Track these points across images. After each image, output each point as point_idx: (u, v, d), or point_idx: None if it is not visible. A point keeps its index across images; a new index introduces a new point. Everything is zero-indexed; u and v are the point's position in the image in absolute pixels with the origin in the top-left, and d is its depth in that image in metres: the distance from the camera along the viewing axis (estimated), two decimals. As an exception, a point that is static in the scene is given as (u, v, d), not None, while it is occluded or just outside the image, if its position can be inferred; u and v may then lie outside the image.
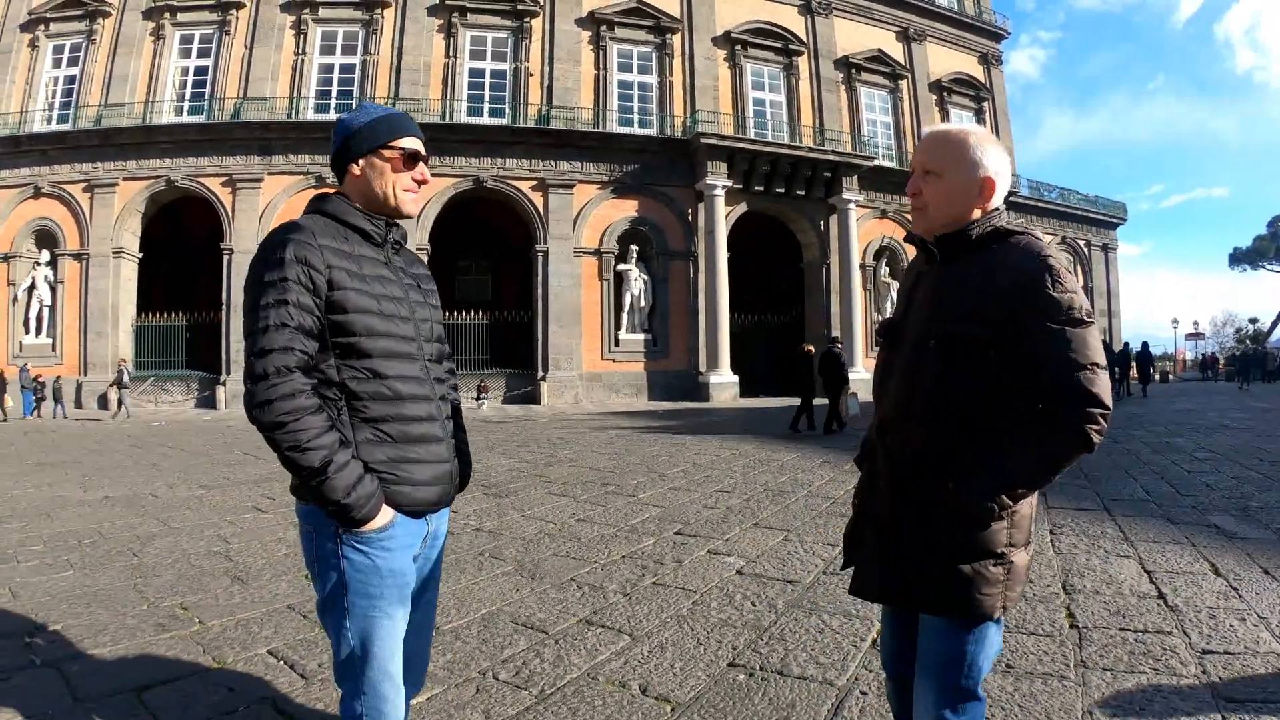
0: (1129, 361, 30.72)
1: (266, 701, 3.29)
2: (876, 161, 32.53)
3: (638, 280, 29.16)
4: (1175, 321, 66.97)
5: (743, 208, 30.48)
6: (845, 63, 33.99)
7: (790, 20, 33.26)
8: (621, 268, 29.06)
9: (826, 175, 31.07)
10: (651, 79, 31.05)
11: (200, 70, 28.96)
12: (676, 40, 31.25)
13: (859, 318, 31.34)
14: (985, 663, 2.07)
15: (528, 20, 29.78)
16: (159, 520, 7.36)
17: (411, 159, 2.16)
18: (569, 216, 28.51)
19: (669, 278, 29.57)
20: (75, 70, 28.79)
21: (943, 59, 37.01)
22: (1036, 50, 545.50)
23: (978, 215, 2.04)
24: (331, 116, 27.14)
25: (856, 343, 30.50)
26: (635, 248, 29.15)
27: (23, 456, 13.34)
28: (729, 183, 29.22)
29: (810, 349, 18.22)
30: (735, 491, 8.57)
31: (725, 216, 29.54)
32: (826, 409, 16.29)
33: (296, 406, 1.87)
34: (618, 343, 29.03)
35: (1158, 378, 33.06)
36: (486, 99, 29.37)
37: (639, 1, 30.71)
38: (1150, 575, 4.93)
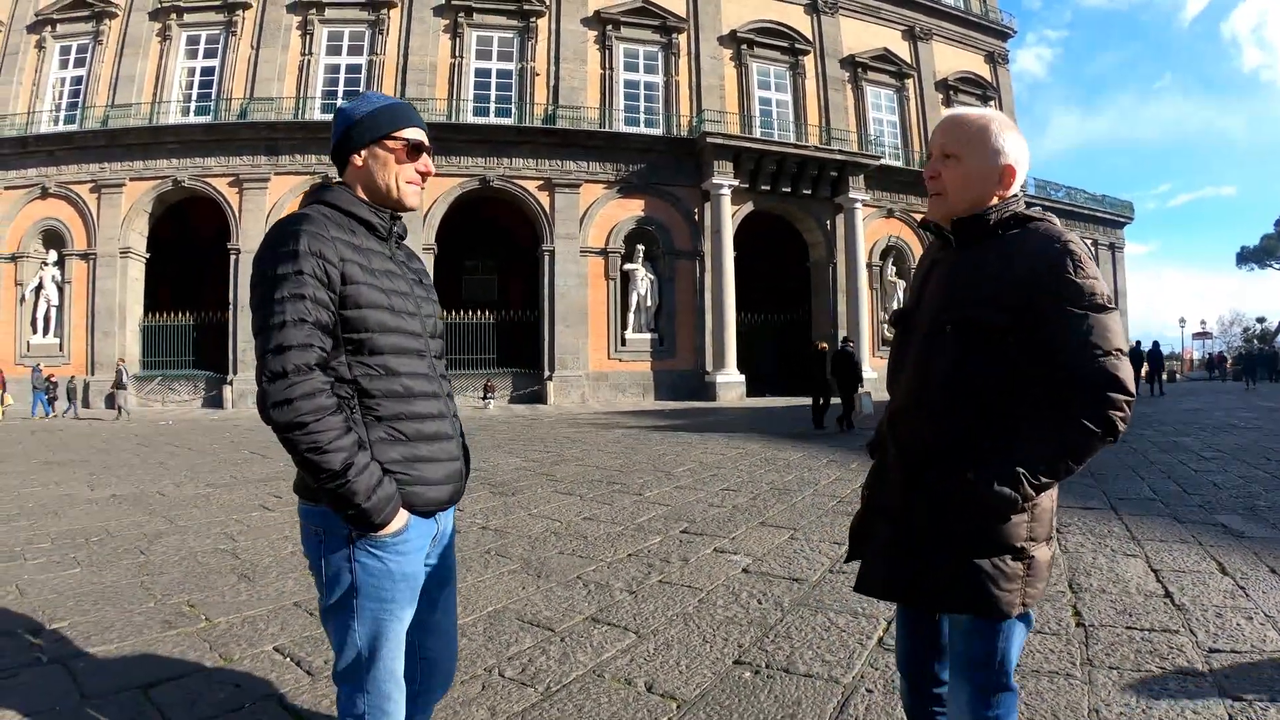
0: (1141, 360, 30.70)
1: (273, 698, 3.29)
2: (883, 161, 32.51)
3: (644, 280, 29.15)
4: (1182, 321, 66.51)
5: (749, 207, 30.47)
6: (851, 62, 33.94)
7: (796, 19, 33.23)
8: (628, 267, 29.06)
9: (833, 174, 31.04)
10: (657, 78, 31.05)
11: (207, 71, 29.05)
12: (682, 40, 31.25)
13: (865, 317, 31.30)
14: (1015, 655, 2.04)
15: (533, 20, 29.81)
16: (166, 518, 7.37)
17: (415, 150, 2.09)
18: (575, 216, 28.52)
19: (675, 277, 29.58)
20: (82, 71, 28.88)
21: (949, 58, 36.92)
22: (1043, 49, 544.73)
23: (995, 202, 2.00)
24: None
25: (863, 342, 30.46)
26: (641, 247, 29.15)
27: (30, 455, 13.38)
28: (735, 182, 29.21)
29: (824, 347, 18.29)
30: (741, 490, 8.56)
31: (731, 216, 29.53)
32: (840, 408, 16.48)
33: (318, 406, 1.80)
34: (624, 342, 29.04)
35: (1164, 377, 32.90)
36: (492, 99, 29.39)
37: (645, 1, 30.71)
38: (1157, 574, 4.91)
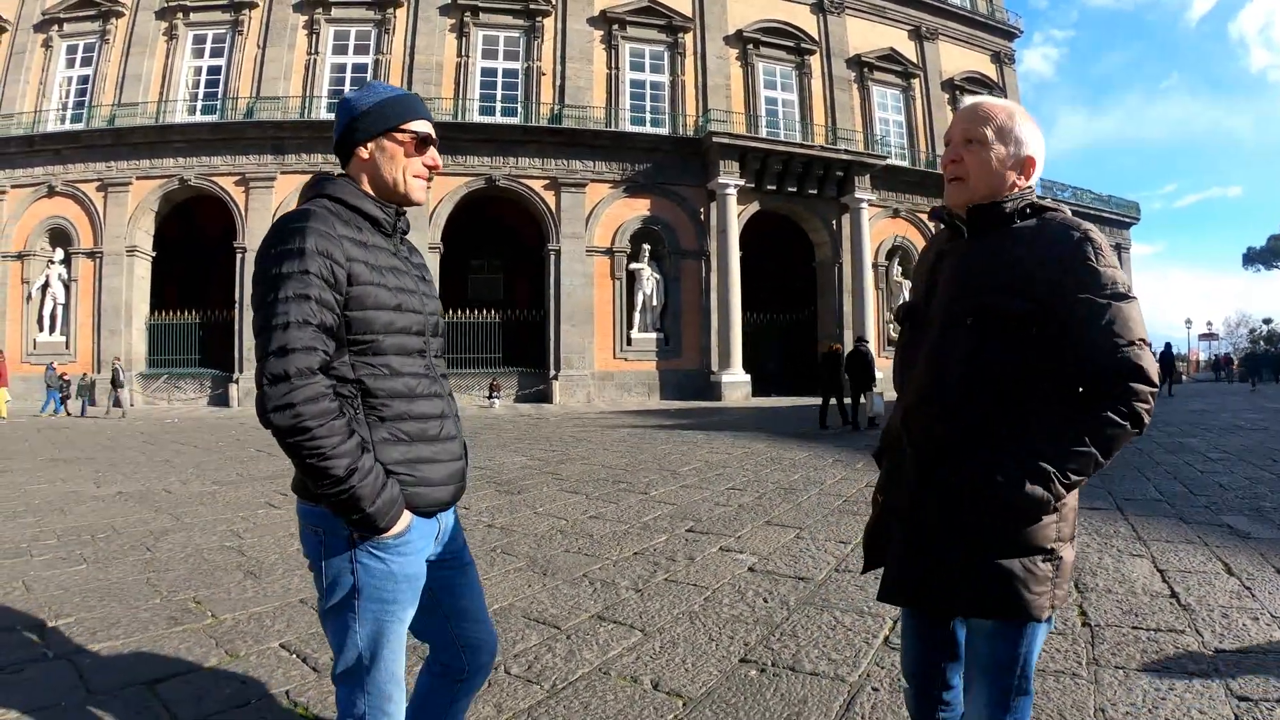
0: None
1: (279, 694, 3.30)
2: (889, 160, 32.48)
3: (650, 279, 29.14)
4: (1189, 322, 66.72)
5: (755, 207, 30.44)
6: (857, 61, 33.87)
7: (803, 19, 33.19)
8: (634, 267, 29.06)
9: (839, 174, 31.01)
10: (664, 78, 31.01)
11: (213, 70, 29.07)
12: (688, 39, 31.22)
13: (871, 317, 31.23)
14: (1035, 657, 2.01)
15: (540, 19, 29.81)
16: (172, 515, 7.38)
17: (424, 143, 2.04)
18: (581, 215, 28.53)
19: (681, 277, 29.56)
20: (89, 70, 28.93)
21: (955, 58, 36.84)
22: (1049, 49, 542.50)
23: (1013, 191, 1.98)
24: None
25: (869, 342, 30.36)
26: (647, 247, 29.14)
27: (36, 452, 13.41)
28: (741, 182, 29.17)
29: (838, 347, 18.58)
30: (747, 489, 8.56)
31: (737, 215, 29.49)
32: (849, 407, 16.79)
33: (320, 411, 1.76)
34: (630, 342, 29.03)
35: (1173, 379, 32.87)
36: (499, 98, 29.38)
37: (651, 0, 30.69)
38: (1163, 574, 4.92)
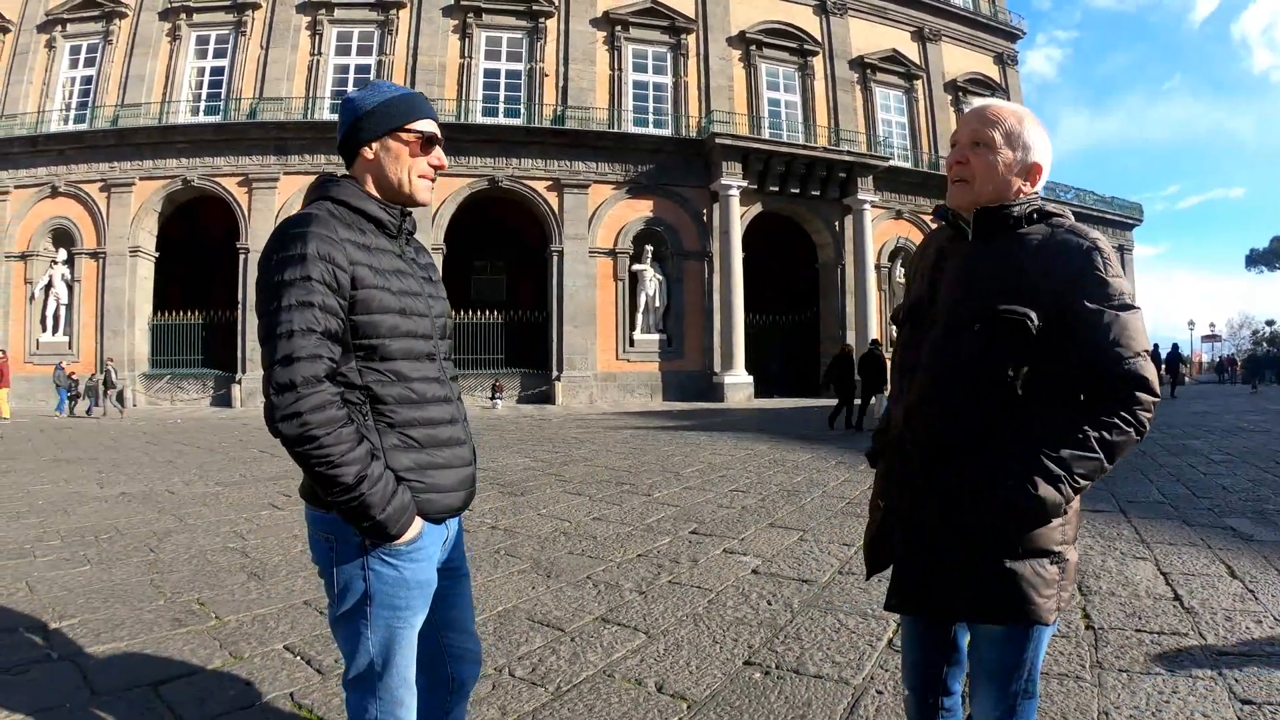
0: (1160, 363, 30.78)
1: (284, 697, 3.29)
2: (891, 162, 32.42)
3: (653, 280, 29.13)
4: (1192, 323, 66.56)
5: (758, 208, 30.42)
6: (860, 63, 33.86)
7: (805, 20, 33.17)
8: (636, 268, 29.04)
9: (841, 175, 30.97)
10: (666, 79, 31.00)
11: (216, 71, 29.08)
12: (691, 40, 31.21)
13: (874, 318, 31.17)
14: (1040, 661, 2.03)
15: (542, 21, 29.80)
16: (175, 516, 7.39)
17: (429, 143, 2.03)
18: (584, 216, 28.52)
19: (684, 278, 29.54)
20: (92, 70, 28.96)
21: (958, 59, 36.82)
22: (1053, 50, 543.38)
23: (1018, 196, 1.99)
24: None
25: (882, 345, 30.33)
26: (650, 248, 29.12)
27: (39, 453, 13.42)
28: (744, 183, 29.14)
29: (849, 348, 18.99)
30: (750, 491, 8.56)
31: (740, 217, 29.46)
32: (859, 408, 17.03)
33: (328, 419, 1.74)
34: (632, 343, 29.01)
35: (1177, 380, 32.92)
36: (501, 99, 29.37)
37: (654, 1, 30.69)
38: (1166, 577, 4.92)
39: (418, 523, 1.90)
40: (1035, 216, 1.95)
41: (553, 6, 29.88)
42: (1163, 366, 30.81)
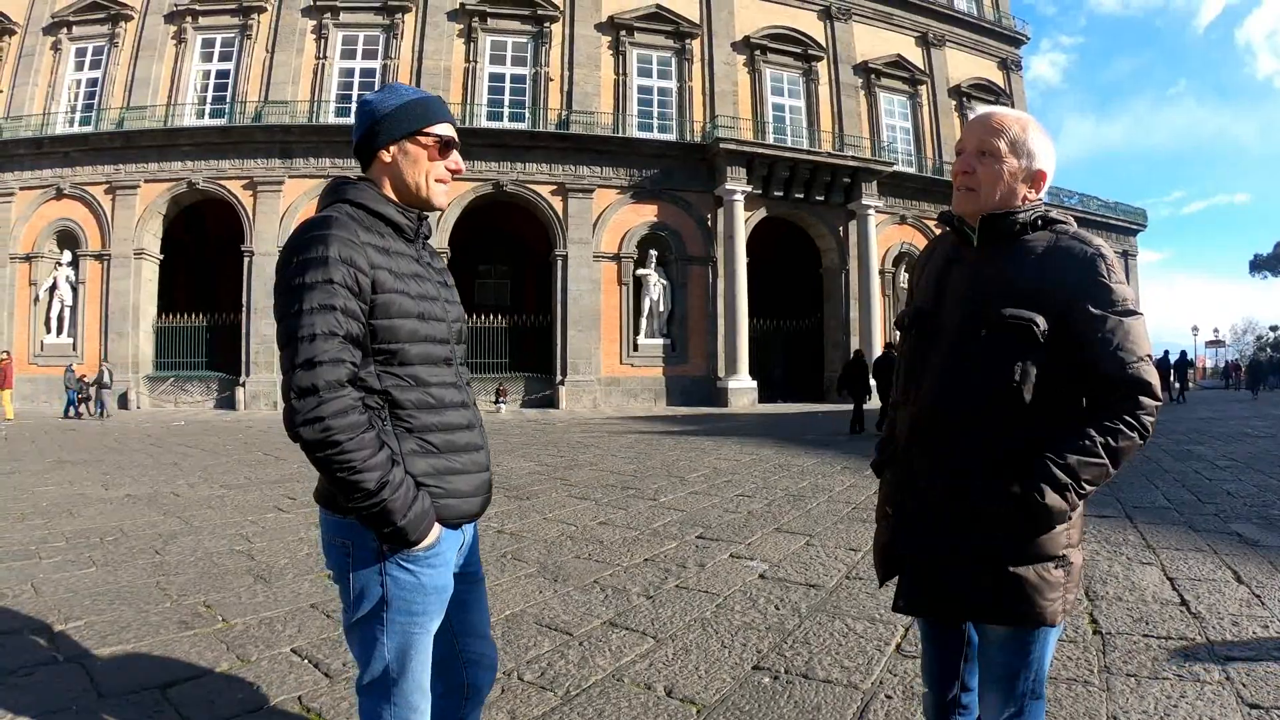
0: (1169, 369, 30.83)
1: (292, 700, 3.28)
2: (896, 167, 32.41)
3: (657, 285, 29.10)
4: (1195, 329, 66.35)
5: (762, 213, 30.39)
6: (865, 68, 33.86)
7: (810, 25, 33.18)
8: (640, 272, 29.02)
9: (846, 181, 30.94)
10: (671, 84, 31.01)
11: (222, 74, 29.10)
12: (696, 45, 31.22)
13: (878, 324, 31.14)
14: (1048, 662, 2.07)
15: (547, 25, 29.83)
16: (181, 519, 7.39)
17: (446, 147, 2.03)
18: (588, 221, 28.50)
19: (688, 283, 29.52)
20: (97, 73, 28.99)
21: (962, 64, 36.82)
22: (1057, 55, 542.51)
23: (1023, 203, 2.01)
24: (352, 120, 27.20)
25: (875, 349, 30.25)
26: (654, 253, 29.10)
27: (43, 454, 13.43)
28: (748, 188, 29.14)
29: (862, 352, 19.33)
30: (756, 496, 8.55)
31: (744, 222, 29.46)
32: (873, 412, 16.97)
33: (350, 424, 1.72)
34: (636, 347, 28.98)
35: (1181, 386, 32.86)
36: (506, 103, 29.36)
37: (659, 6, 30.70)
38: (1173, 582, 4.94)
39: (437, 528, 1.89)
40: (1040, 223, 1.99)
41: (558, 11, 29.91)
42: (1170, 372, 30.81)
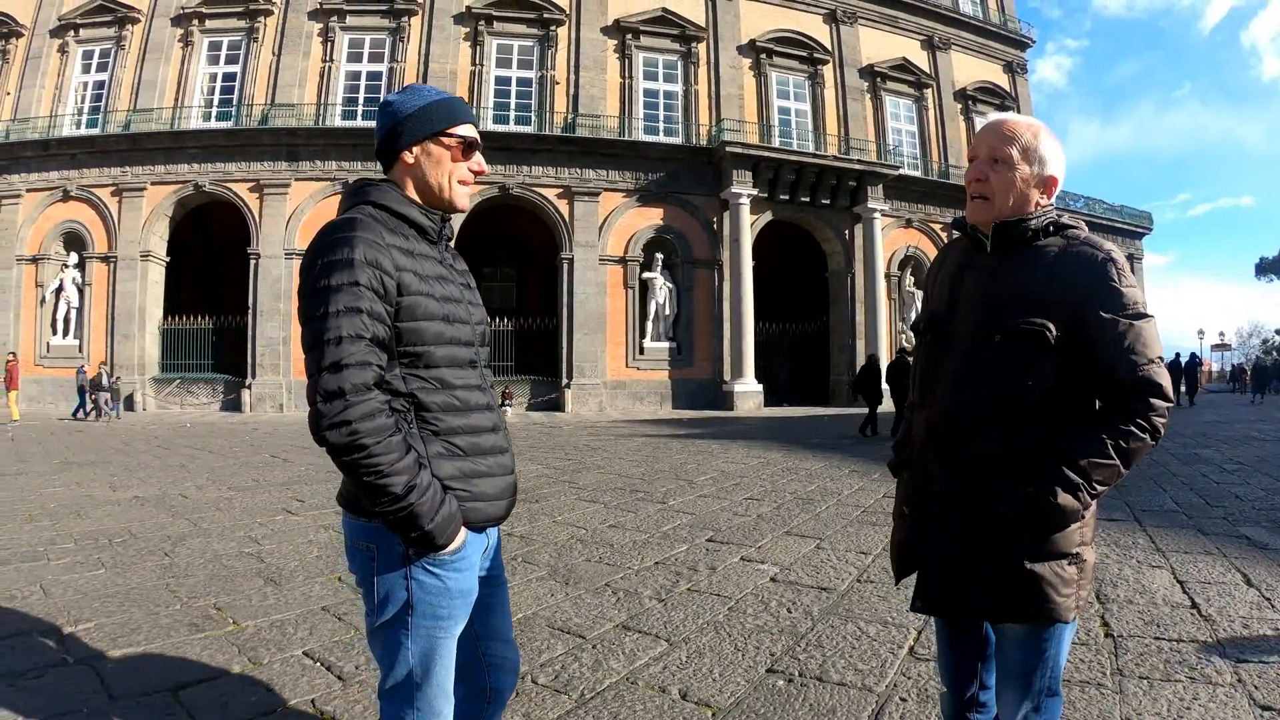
0: (1180, 373, 30.83)
1: (305, 703, 3.27)
2: (901, 170, 32.41)
3: (662, 288, 29.10)
4: (1201, 332, 66.13)
5: (768, 216, 30.41)
6: (870, 71, 33.85)
7: (815, 29, 33.20)
8: (646, 276, 29.02)
9: (851, 184, 30.93)
10: (677, 87, 31.02)
11: (228, 77, 29.18)
12: (702, 49, 31.26)
13: (883, 327, 31.13)
14: (1064, 659, 2.11)
15: (554, 29, 29.86)
16: (189, 521, 7.37)
17: (469, 148, 2.00)
18: (594, 224, 28.51)
19: (694, 286, 29.52)
20: (104, 75, 29.10)
21: (967, 67, 36.80)
22: (1063, 58, 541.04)
23: (1035, 209, 2.05)
24: (359, 123, 27.34)
25: (881, 352, 30.22)
26: (660, 256, 29.10)
27: (50, 455, 13.44)
28: (754, 191, 29.16)
29: (877, 357, 19.60)
30: (765, 499, 8.53)
31: (750, 225, 29.49)
32: (886, 416, 17.16)
33: (377, 428, 1.71)
34: (642, 351, 28.99)
35: (1192, 388, 32.85)
36: (512, 106, 29.39)
37: (664, 10, 30.72)
38: (1183, 585, 4.95)
39: (463, 532, 1.88)
40: (1051, 229, 2.03)
41: (564, 14, 29.95)
42: (1181, 375, 30.78)
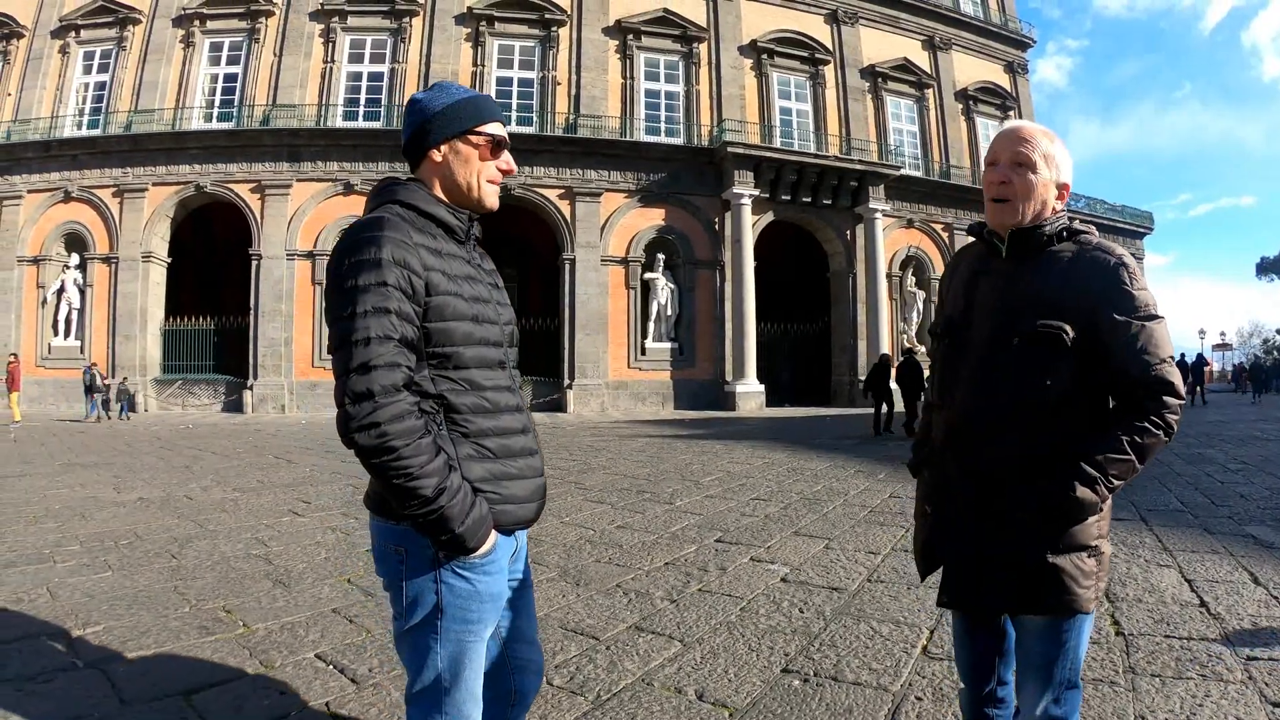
0: (1188, 373, 30.88)
1: (320, 706, 3.24)
2: (903, 171, 32.45)
3: (664, 289, 29.13)
4: (1202, 332, 65.95)
5: (769, 217, 30.43)
6: (871, 72, 33.89)
7: (816, 29, 33.22)
8: (648, 276, 29.05)
9: (853, 184, 30.95)
10: (678, 88, 31.04)
11: (230, 77, 29.21)
12: (703, 49, 31.28)
13: (885, 327, 31.15)
14: (1084, 651, 2.18)
15: (555, 29, 29.89)
16: (195, 522, 7.34)
17: (498, 147, 1.97)
18: (596, 225, 28.54)
19: (695, 286, 29.55)
20: (106, 76, 29.14)
21: (968, 68, 36.83)
22: (1063, 58, 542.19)
23: (1050, 214, 2.12)
24: (360, 124, 27.42)
25: (883, 351, 30.26)
26: (662, 256, 29.14)
27: (53, 457, 13.41)
28: (755, 192, 29.18)
29: (889, 357, 19.79)
30: (772, 500, 8.51)
31: (752, 225, 29.50)
32: (905, 414, 17.71)
33: (407, 429, 1.69)
34: (644, 351, 29.01)
35: (1201, 388, 32.91)
36: (514, 107, 29.37)
37: (666, 10, 30.75)
38: (1191, 584, 4.96)
39: (494, 535, 1.86)
40: (1065, 235, 2.11)
41: (565, 15, 29.98)
42: (1189, 375, 30.84)
